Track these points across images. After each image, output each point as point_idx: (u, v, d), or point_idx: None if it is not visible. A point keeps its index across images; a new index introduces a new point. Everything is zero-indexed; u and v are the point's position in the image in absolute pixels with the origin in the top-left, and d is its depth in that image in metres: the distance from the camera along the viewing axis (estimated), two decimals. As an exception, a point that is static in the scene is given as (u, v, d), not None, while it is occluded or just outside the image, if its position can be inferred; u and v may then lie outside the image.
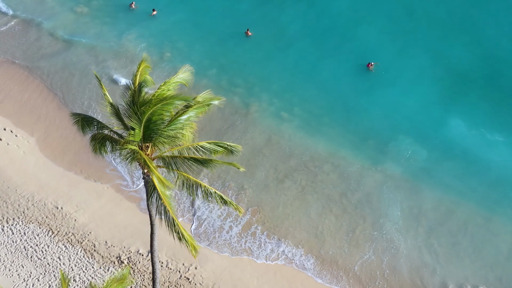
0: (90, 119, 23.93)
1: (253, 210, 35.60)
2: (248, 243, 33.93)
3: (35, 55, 46.74)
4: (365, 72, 44.01)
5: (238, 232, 34.49)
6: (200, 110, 23.33)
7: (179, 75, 23.90)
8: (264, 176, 37.38)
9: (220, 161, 23.15)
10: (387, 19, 48.52)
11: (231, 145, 23.83)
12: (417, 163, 38.06)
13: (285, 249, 33.60)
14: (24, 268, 31.94)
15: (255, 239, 34.11)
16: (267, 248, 33.62)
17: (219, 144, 23.76)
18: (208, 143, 23.60)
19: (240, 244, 33.86)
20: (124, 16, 50.28)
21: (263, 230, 34.57)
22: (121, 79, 44.11)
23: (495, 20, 47.94)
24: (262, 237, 34.22)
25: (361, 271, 32.60)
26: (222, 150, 23.64)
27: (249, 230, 34.61)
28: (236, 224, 34.82)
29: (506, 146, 38.76)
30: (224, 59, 45.77)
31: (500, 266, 32.84)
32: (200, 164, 23.01)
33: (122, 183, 36.93)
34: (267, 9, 50.23)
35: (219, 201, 23.36)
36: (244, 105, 42.08)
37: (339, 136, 39.89)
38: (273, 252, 33.46)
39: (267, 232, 34.43)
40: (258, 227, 34.75)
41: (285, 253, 33.42)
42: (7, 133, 39.82)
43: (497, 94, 42.25)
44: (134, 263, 32.48)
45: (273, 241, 33.98)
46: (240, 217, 34.98)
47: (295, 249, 33.59)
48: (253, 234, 34.39)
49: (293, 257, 33.16)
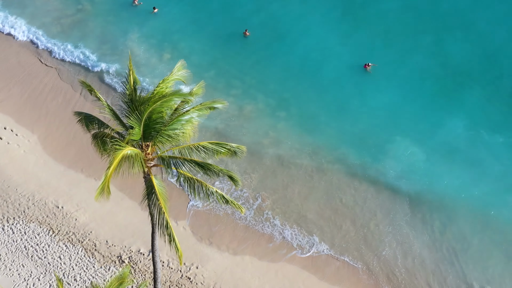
0: (92, 117, 23.82)
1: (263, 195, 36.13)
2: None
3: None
4: (363, 73, 43.80)
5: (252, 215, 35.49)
6: (202, 112, 23.13)
7: (177, 72, 23.79)
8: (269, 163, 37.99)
9: (218, 167, 22.80)
10: (384, 20, 48.18)
11: (235, 146, 23.52)
12: (415, 164, 37.82)
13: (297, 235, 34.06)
14: (24, 267, 31.84)
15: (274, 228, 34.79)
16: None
17: (222, 144, 23.40)
18: (210, 143, 23.28)
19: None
20: (126, 13, 50.18)
21: (274, 215, 35.13)
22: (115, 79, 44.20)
23: (494, 18, 47.59)
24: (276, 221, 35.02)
25: (373, 264, 32.82)
26: (226, 151, 23.26)
27: (262, 216, 35.26)
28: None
29: (506, 147, 38.56)
30: (222, 59, 45.54)
31: (501, 266, 32.76)
32: (199, 167, 22.72)
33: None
34: (265, 9, 49.97)
35: (220, 200, 23.18)
36: (241, 104, 42.02)
37: (337, 135, 39.76)
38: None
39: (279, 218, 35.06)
40: (269, 212, 35.32)
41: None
42: (7, 132, 39.71)
43: (497, 94, 41.97)
44: (135, 263, 32.36)
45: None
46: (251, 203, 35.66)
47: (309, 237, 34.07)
48: (268, 219, 35.14)
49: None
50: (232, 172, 23.21)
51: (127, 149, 21.15)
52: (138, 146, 22.78)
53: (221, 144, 23.31)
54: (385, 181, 36.96)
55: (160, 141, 22.28)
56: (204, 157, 23.01)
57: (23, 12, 50.56)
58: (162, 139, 22.14)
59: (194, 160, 22.77)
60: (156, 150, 23.29)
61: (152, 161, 23.31)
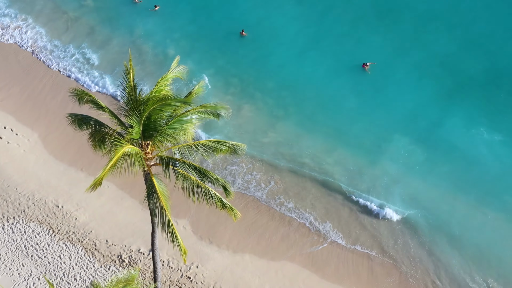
0: (88, 118, 23.72)
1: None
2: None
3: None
4: (361, 72, 43.71)
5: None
6: (204, 115, 23.01)
7: (174, 69, 23.77)
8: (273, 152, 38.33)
9: (214, 176, 22.61)
10: (383, 19, 48.03)
11: (235, 144, 23.42)
12: (414, 163, 37.81)
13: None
14: (24, 267, 31.81)
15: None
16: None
17: (221, 142, 23.35)
18: (210, 142, 23.22)
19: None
20: (127, 10, 50.23)
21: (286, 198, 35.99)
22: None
23: (494, 17, 47.43)
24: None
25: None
26: (226, 149, 23.17)
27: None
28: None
29: (505, 145, 38.49)
30: (220, 59, 45.52)
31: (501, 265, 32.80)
32: (196, 172, 22.58)
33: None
34: (263, 9, 49.83)
35: (218, 204, 22.89)
36: (239, 103, 42.10)
37: (334, 135, 39.76)
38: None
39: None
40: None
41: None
42: (7, 131, 39.67)
43: (496, 92, 41.82)
44: (135, 262, 32.33)
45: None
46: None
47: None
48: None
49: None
50: (228, 183, 23.07)
51: (127, 146, 21.11)
52: (137, 145, 22.73)
53: (220, 142, 23.26)
54: (383, 178, 37.12)
55: (159, 141, 22.23)
56: (205, 155, 22.92)
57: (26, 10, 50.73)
58: (162, 138, 22.08)
59: (193, 164, 22.64)
60: (156, 149, 23.23)
61: (152, 160, 23.27)
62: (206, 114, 23.06)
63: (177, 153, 23.25)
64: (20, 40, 47.89)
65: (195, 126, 22.81)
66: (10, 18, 49.93)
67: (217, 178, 22.78)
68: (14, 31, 48.60)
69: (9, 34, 48.34)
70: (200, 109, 22.93)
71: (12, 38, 48.02)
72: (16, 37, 48.06)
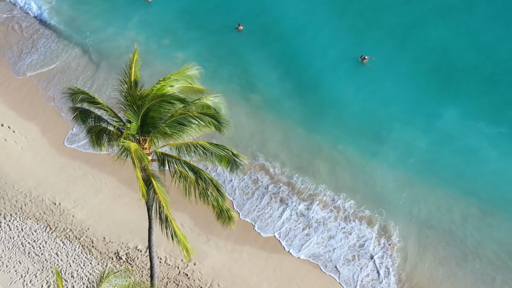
0: (88, 112, 23.66)
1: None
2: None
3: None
4: (359, 65, 43.68)
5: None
6: (204, 125, 22.52)
7: (182, 71, 23.19)
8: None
9: (209, 176, 22.15)
10: (381, 12, 48.05)
11: (236, 154, 22.39)
12: (412, 157, 37.77)
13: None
14: (21, 264, 31.71)
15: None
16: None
17: (221, 147, 22.40)
18: (210, 144, 22.51)
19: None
20: (120, 1, 50.50)
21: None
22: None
23: (490, 11, 47.43)
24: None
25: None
26: (225, 155, 22.24)
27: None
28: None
29: (504, 138, 38.45)
30: (217, 54, 45.40)
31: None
32: (191, 172, 22.30)
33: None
34: (260, 2, 49.86)
35: (215, 204, 22.52)
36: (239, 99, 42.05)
37: (334, 127, 39.78)
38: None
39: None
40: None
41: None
42: (4, 129, 39.58)
43: (494, 86, 41.81)
44: (132, 259, 32.24)
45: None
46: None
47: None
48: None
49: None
50: (222, 186, 22.57)
51: (131, 145, 20.85)
52: (135, 140, 22.64)
53: (219, 146, 22.51)
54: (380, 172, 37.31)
55: (157, 137, 22.10)
56: (203, 158, 22.40)
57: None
58: (159, 136, 21.94)
59: (188, 162, 22.30)
60: (153, 145, 23.11)
61: (149, 156, 23.16)
62: (207, 125, 22.15)
63: (174, 151, 23.05)
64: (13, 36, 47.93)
65: (195, 131, 22.19)
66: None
67: (211, 178, 22.37)
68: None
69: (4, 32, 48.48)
70: (200, 115, 22.18)
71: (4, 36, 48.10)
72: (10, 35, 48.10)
